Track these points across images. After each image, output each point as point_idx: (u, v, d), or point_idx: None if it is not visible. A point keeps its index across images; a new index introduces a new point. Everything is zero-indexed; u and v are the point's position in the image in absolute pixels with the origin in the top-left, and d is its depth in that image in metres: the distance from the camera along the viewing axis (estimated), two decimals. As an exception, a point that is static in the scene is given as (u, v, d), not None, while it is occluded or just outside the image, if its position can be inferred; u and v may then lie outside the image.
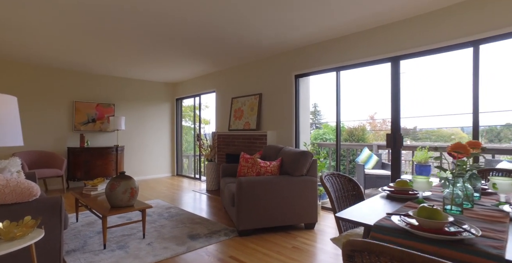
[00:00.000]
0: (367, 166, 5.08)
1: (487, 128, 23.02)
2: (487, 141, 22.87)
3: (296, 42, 3.96)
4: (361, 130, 7.19)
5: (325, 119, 23.87)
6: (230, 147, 5.18)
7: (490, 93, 12.72)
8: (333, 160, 7.04)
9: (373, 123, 23.42)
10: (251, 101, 4.93)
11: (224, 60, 4.95)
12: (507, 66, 9.45)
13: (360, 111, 25.26)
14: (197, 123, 6.64)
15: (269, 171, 3.12)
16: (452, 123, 18.52)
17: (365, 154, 5.24)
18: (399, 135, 3.19)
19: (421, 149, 4.68)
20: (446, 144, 19.26)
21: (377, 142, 15.93)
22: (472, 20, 2.66)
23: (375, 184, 4.84)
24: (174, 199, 4.60)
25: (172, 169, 7.03)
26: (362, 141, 7.15)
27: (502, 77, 9.94)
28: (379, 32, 3.33)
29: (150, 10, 2.89)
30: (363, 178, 4.83)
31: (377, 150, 5.59)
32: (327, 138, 7.39)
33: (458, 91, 11.18)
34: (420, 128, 25.16)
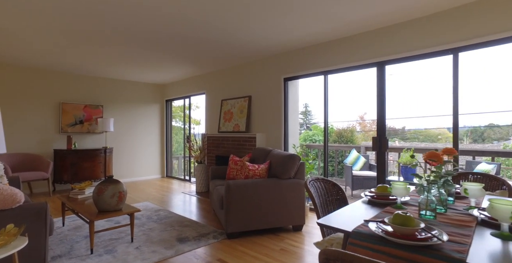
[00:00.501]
0: (355, 167, 5.18)
1: (472, 128, 23.67)
2: (472, 141, 23.52)
3: (285, 46, 4.01)
4: (350, 132, 7.31)
5: (315, 119, 24.08)
6: (220, 149, 5.19)
7: (473, 96, 12.99)
8: (322, 161, 7.13)
9: (363, 124, 23.76)
10: (241, 104, 4.96)
11: (214, 63, 4.96)
12: (488, 72, 9.82)
13: (350, 112, 25.52)
14: (187, 124, 6.62)
15: (258, 174, 3.15)
16: (439, 124, 18.95)
17: (353, 156, 5.34)
18: (384, 139, 3.27)
19: (407, 151, 4.80)
20: (433, 144, 19.73)
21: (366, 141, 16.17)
22: (452, 29, 2.76)
23: (363, 185, 4.94)
24: (163, 201, 4.59)
25: (162, 171, 7.00)
26: (350, 142, 7.27)
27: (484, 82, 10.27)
28: (365, 38, 3.41)
29: (134, 14, 2.89)
30: (351, 179, 4.92)
31: (365, 152, 5.70)
32: (317, 139, 7.49)
33: (443, 94, 11.57)
34: (409, 129, 25.63)
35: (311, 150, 6.59)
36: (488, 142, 20.64)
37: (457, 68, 2.79)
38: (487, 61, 11.46)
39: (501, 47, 2.58)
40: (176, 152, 8.61)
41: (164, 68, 5.28)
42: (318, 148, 6.73)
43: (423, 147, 5.92)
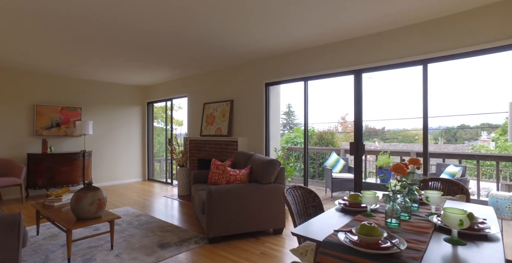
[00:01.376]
0: (335, 169, 5.34)
1: (446, 129, 24.64)
2: (446, 141, 24.54)
3: (266, 51, 4.08)
4: (331, 134, 7.50)
5: (298, 120, 24.42)
6: (202, 152, 5.20)
7: (447, 100, 14.20)
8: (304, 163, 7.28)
9: (345, 125, 24.28)
10: (223, 108, 4.99)
11: (196, 66, 4.96)
12: (459, 79, 10.62)
13: (332, 113, 25.98)
14: (169, 126, 6.57)
15: (239, 179, 3.20)
16: (416, 125, 19.87)
17: (333, 158, 5.49)
18: (361, 143, 3.41)
19: (384, 153, 5.01)
20: (411, 144, 20.40)
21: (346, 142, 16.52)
22: (422, 41, 2.92)
23: (342, 187, 5.10)
24: (144, 205, 4.54)
25: (143, 174, 6.90)
26: (331, 145, 7.46)
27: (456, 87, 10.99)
28: (343, 46, 3.53)
29: (114, 17, 2.86)
30: (331, 182, 5.06)
31: (344, 154, 5.87)
32: (298, 141, 7.62)
33: (419, 98, 12.39)
34: (388, 129, 26.38)
35: (293, 152, 6.71)
36: (460, 142, 21.72)
37: (427, 78, 2.95)
38: (458, 69, 12.62)
39: (467, 59, 2.76)
40: (158, 153, 8.52)
41: (145, 70, 5.22)
42: (300, 151, 6.87)
43: (399, 150, 6.19)
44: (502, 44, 2.49)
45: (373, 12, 2.73)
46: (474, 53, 2.67)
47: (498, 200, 4.06)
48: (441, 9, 2.64)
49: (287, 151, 6.18)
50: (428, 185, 2.22)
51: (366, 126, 22.83)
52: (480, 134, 20.05)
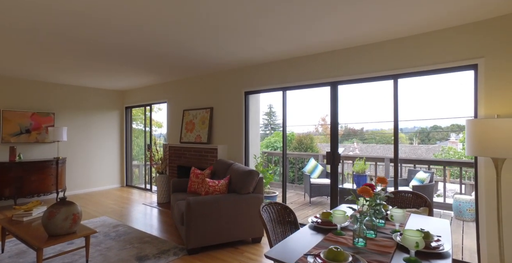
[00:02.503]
0: (313, 175, 5.48)
1: (420, 129, 25.65)
2: (420, 141, 25.58)
3: (246, 61, 4.13)
4: (310, 139, 7.66)
5: (280, 120, 24.60)
6: (182, 159, 5.17)
7: (421, 104, 15.51)
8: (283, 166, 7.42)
9: (325, 126, 24.70)
10: (203, 115, 4.99)
11: (175, 73, 4.93)
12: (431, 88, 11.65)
13: (312, 115, 26.42)
14: (148, 127, 6.47)
15: (218, 190, 3.23)
16: (393, 126, 20.67)
17: (311, 164, 5.63)
18: (337, 153, 3.53)
19: (360, 160, 5.20)
20: (388, 145, 21.10)
21: (327, 143, 16.82)
22: (393, 58, 3.08)
23: (320, 193, 5.24)
24: (122, 214, 4.46)
25: (121, 180, 6.75)
26: (310, 149, 7.63)
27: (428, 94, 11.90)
28: (320, 58, 3.65)
29: (86, 35, 2.81)
30: (309, 187, 5.19)
31: (322, 160, 6.03)
32: (278, 146, 7.73)
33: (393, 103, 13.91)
34: (367, 130, 27.15)
35: (273, 157, 6.81)
36: (432, 142, 22.82)
37: (397, 91, 3.12)
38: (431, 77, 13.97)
39: (434, 76, 2.95)
40: (137, 156, 8.33)
41: (123, 76, 5.12)
42: (279, 155, 6.97)
43: (374, 156, 6.44)
44: (461, 64, 2.68)
45: (341, 33, 2.85)
46: (437, 71, 2.85)
47: (461, 203, 4.34)
48: (406, 29, 2.81)
49: (267, 157, 6.27)
50: (398, 196, 2.36)
51: (345, 127, 23.45)
52: (449, 135, 21.26)
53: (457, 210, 4.34)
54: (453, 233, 3.81)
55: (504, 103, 2.48)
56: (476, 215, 2.66)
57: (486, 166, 2.56)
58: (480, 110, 2.59)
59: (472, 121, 2.23)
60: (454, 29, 2.73)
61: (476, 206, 2.65)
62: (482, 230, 2.61)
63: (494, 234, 2.53)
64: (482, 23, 2.59)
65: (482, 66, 2.58)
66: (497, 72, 2.52)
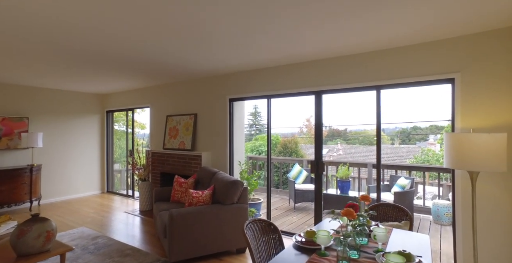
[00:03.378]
0: (298, 180, 5.51)
1: (401, 130, 26.39)
2: (401, 141, 26.33)
3: (230, 68, 4.09)
4: (294, 143, 7.71)
5: (265, 121, 24.50)
6: (165, 166, 5.07)
7: (404, 108, 16.32)
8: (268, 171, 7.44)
9: (309, 126, 24.94)
10: (186, 121, 4.91)
11: (157, 78, 4.82)
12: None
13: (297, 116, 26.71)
14: (131, 131, 6.30)
15: (201, 201, 3.18)
16: (373, 126, 21.53)
17: (296, 170, 5.66)
18: (321, 162, 3.56)
19: (343, 165, 5.27)
20: (370, 146, 21.60)
21: (311, 144, 17.00)
22: (376, 70, 3.14)
23: (305, 198, 5.28)
24: (102, 224, 4.32)
25: (102, 186, 6.54)
26: (295, 153, 7.67)
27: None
28: (305, 67, 3.66)
29: (71, 33, 2.70)
30: (294, 193, 5.22)
31: (307, 165, 6.08)
32: (263, 150, 7.73)
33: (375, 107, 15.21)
34: (350, 130, 27.65)
35: (258, 161, 6.81)
36: (412, 142, 23.57)
37: (380, 102, 3.17)
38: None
39: (415, 88, 3.03)
40: (120, 158, 8.10)
41: (104, 80, 4.96)
42: (264, 160, 6.97)
43: (357, 162, 6.56)
44: (439, 78, 2.77)
45: (325, 45, 2.87)
46: (417, 84, 2.93)
47: (439, 208, 4.49)
48: (387, 42, 2.86)
49: (251, 165, 6.24)
50: (380, 209, 2.40)
51: (330, 127, 23.85)
52: (428, 136, 22.12)
53: (435, 214, 4.49)
54: (432, 238, 3.94)
55: (479, 117, 2.58)
56: (453, 223, 2.75)
57: (462, 177, 2.65)
58: (457, 122, 2.68)
59: (449, 135, 2.30)
60: (433, 44, 2.81)
61: (453, 215, 2.74)
62: (458, 238, 2.70)
63: (470, 242, 2.62)
64: (459, 39, 2.68)
65: (458, 81, 2.67)
66: (472, 87, 2.61)
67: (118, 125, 9.37)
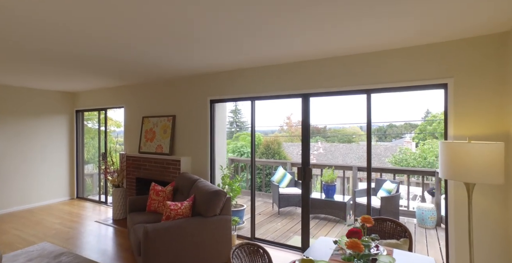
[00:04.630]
0: (282, 184, 5.33)
1: (377, 127, 27.27)
2: (378, 138, 27.09)
3: (212, 68, 3.81)
4: (277, 144, 7.53)
5: (244, 118, 24.53)
6: (141, 171, 4.72)
7: (385, 108, 17.26)
8: (250, 172, 7.22)
9: (290, 123, 25.03)
10: (164, 123, 4.58)
11: (132, 77, 4.45)
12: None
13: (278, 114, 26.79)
14: (103, 135, 5.85)
15: (181, 214, 2.91)
16: (352, 124, 22.27)
17: (279, 173, 5.48)
18: (308, 169, 3.38)
19: (329, 168, 5.15)
20: (349, 144, 21.99)
21: (291, 142, 16.96)
22: (366, 73, 2.99)
23: (289, 203, 5.11)
24: (69, 238, 3.92)
25: (71, 191, 6.04)
26: (277, 155, 7.50)
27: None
28: (292, 68, 3.46)
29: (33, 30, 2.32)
30: (278, 198, 5.03)
31: (290, 168, 5.92)
32: (245, 151, 7.50)
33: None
34: (329, 127, 28.13)
35: (239, 163, 6.57)
36: (388, 140, 24.31)
37: (370, 106, 3.03)
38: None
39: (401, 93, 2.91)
40: (93, 158, 7.56)
41: (71, 78, 4.51)
42: (246, 162, 6.75)
43: (343, 164, 6.50)
44: (431, 83, 2.65)
45: (313, 47, 2.68)
46: (408, 89, 2.80)
47: (424, 212, 4.47)
48: (379, 44, 2.71)
49: (234, 164, 6.00)
50: (378, 225, 2.24)
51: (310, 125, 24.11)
52: (404, 135, 22.95)
53: (420, 218, 4.47)
54: (418, 243, 3.89)
55: (474, 124, 2.48)
56: (446, 236, 2.66)
57: (456, 187, 2.56)
58: (450, 130, 2.57)
59: (445, 144, 2.18)
60: (426, 47, 2.69)
61: (446, 226, 2.65)
62: (452, 251, 2.60)
63: (465, 255, 2.53)
64: (452, 43, 2.57)
65: (451, 86, 2.56)
66: (466, 93, 2.51)
67: (92, 123, 8.80)
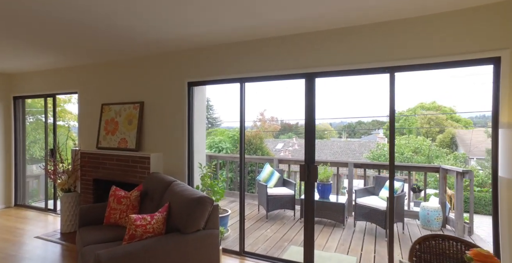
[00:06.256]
0: (269, 184, 4.66)
1: (347, 124, 27.75)
2: (347, 135, 27.65)
3: (191, 42, 3.01)
4: (259, 138, 6.85)
5: (217, 114, 23.61)
6: (100, 171, 3.80)
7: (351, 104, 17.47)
8: (230, 171, 6.48)
9: (263, 120, 24.57)
10: (129, 112, 3.69)
11: (90, 54, 3.51)
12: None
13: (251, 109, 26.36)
14: (56, 124, 4.77)
15: (150, 231, 2.11)
16: (323, 121, 22.93)
17: (267, 171, 4.81)
18: (313, 167, 2.73)
19: (322, 165, 4.56)
20: (322, 140, 22.02)
21: (267, 138, 16.38)
22: (389, 46, 2.38)
23: (279, 205, 4.47)
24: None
25: (7, 198, 4.85)
26: (260, 151, 6.82)
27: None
28: (294, 42, 2.77)
29: None
30: (266, 200, 4.36)
31: (277, 165, 5.27)
32: (224, 146, 6.73)
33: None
34: (301, 124, 28.39)
35: (218, 160, 5.82)
36: (357, 137, 24.81)
37: (394, 87, 2.44)
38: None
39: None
40: (39, 153, 6.33)
41: (10, 53, 3.46)
42: (226, 159, 6.00)
43: (338, 161, 5.98)
44: (478, 57, 2.11)
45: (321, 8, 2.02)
46: (445, 65, 2.24)
47: (429, 212, 4.04)
48: (409, 8, 2.12)
49: (214, 168, 5.22)
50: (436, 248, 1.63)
51: (281, 121, 23.88)
52: (372, 131, 23.57)
53: (425, 219, 4.03)
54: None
55: (535, 108, 1.97)
56: (497, 248, 2.13)
57: (510, 187, 2.03)
58: (503, 115, 2.04)
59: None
60: (469, 11, 2.13)
61: (496, 238, 2.12)
62: None
63: (515, 270, 2.03)
64: (507, 4, 2.03)
65: (506, 60, 2.03)
66: (525, 69, 1.99)
67: (39, 116, 7.53)
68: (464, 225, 3.83)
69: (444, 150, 12.59)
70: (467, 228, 3.81)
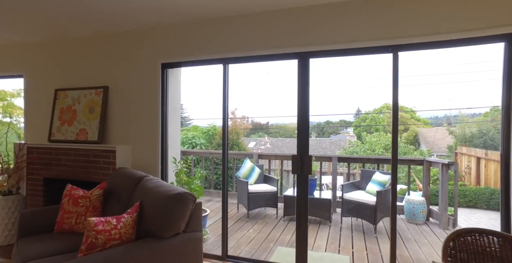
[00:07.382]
0: (250, 180, 4.33)
1: (316, 124, 28.42)
2: (317, 134, 28.21)
3: (166, 14, 2.58)
4: (236, 133, 6.48)
5: (187, 113, 22.87)
6: (53, 168, 3.21)
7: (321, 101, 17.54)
8: (206, 168, 6.05)
9: (234, 118, 24.26)
10: (91, 98, 3.15)
11: (42, 27, 2.92)
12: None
13: (219, 107, 25.95)
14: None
15: (117, 237, 1.68)
16: (294, 120, 23.09)
17: (247, 167, 4.46)
18: (307, 157, 2.44)
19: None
20: (293, 139, 22.26)
21: (246, 137, 16.06)
22: (392, 21, 2.16)
23: (261, 203, 4.15)
24: None
25: None
26: (237, 146, 6.46)
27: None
28: (285, 16, 2.46)
29: None
30: (247, 197, 4.02)
31: (257, 160, 4.95)
32: (198, 142, 6.27)
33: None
34: (272, 124, 28.30)
35: (192, 156, 5.37)
36: (326, 136, 25.41)
37: (397, 67, 2.23)
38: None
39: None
40: None
41: None
42: (201, 155, 5.56)
43: (321, 155, 5.78)
44: (488, 34, 1.95)
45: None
46: (453, 43, 2.07)
47: (414, 206, 3.96)
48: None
49: (190, 164, 4.78)
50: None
51: (252, 121, 23.72)
52: (341, 130, 24.29)
53: (410, 213, 3.94)
54: (423, 245, 3.29)
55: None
56: None
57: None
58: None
59: None
60: (482, -16, 1.96)
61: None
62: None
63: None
64: (520, -22, 1.89)
65: (519, 37, 1.88)
66: (538, 47, 1.85)
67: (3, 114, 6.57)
68: (448, 217, 3.79)
69: (411, 146, 13.09)
70: (451, 220, 3.77)
